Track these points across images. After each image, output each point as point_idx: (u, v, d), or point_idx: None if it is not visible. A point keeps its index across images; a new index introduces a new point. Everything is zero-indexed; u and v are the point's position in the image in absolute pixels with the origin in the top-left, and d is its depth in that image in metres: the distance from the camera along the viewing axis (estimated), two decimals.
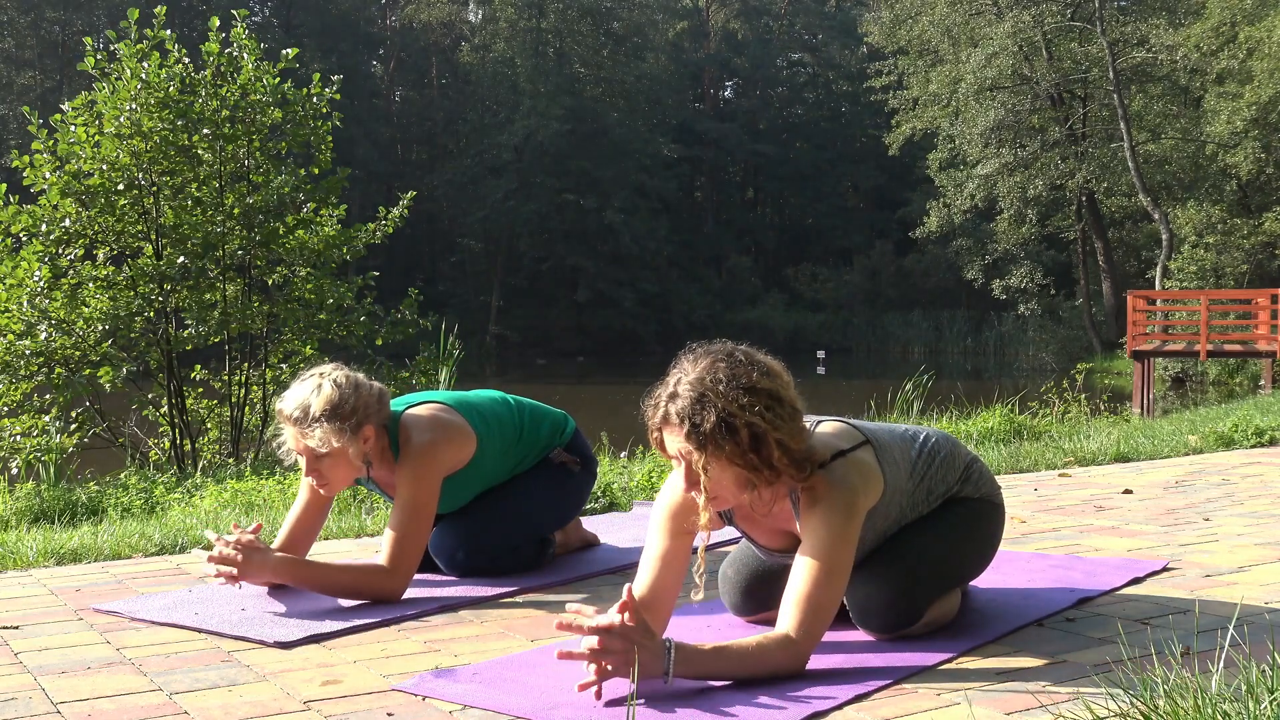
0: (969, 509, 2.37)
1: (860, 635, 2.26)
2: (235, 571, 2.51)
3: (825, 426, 2.17)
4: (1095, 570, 2.81)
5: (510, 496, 2.96)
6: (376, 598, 2.58)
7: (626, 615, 1.87)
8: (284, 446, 2.68)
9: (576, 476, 3.07)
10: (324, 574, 2.57)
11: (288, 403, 2.60)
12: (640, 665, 1.84)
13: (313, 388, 2.60)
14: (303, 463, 2.66)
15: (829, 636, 2.22)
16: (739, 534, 2.34)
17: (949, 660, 2.10)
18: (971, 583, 2.67)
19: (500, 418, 2.91)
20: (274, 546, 2.73)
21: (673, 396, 1.97)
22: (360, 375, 2.69)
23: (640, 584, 2.12)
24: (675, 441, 1.98)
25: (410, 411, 2.76)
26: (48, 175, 7.22)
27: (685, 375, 1.98)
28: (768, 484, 2.00)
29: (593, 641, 1.86)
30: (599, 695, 1.87)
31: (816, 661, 2.04)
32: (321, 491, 2.71)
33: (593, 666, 1.87)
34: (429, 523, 2.67)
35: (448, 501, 2.84)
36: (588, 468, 3.10)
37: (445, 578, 2.88)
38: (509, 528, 2.92)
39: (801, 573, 2.00)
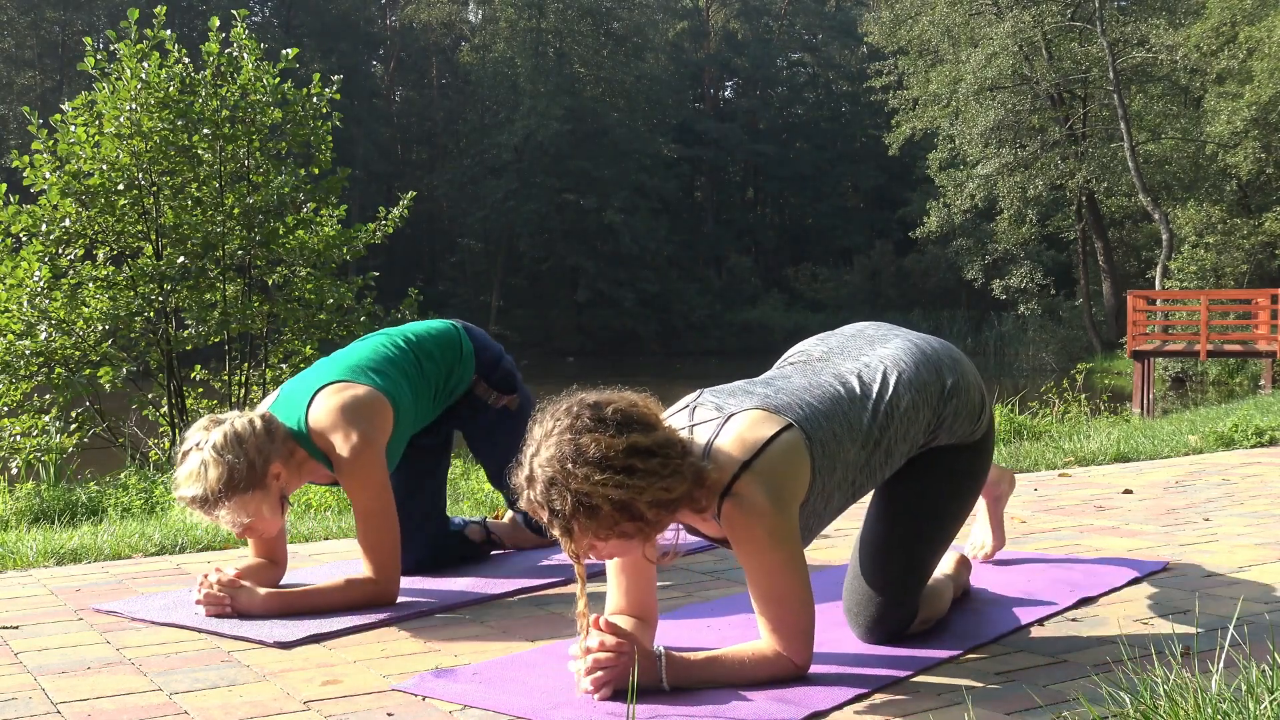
0: (946, 478, 2.21)
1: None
2: (228, 609, 2.46)
3: (735, 424, 1.96)
4: (1095, 570, 2.81)
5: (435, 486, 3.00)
6: (373, 606, 2.56)
7: (609, 637, 1.86)
8: (200, 519, 2.55)
9: (517, 415, 2.97)
10: (315, 599, 2.53)
11: (182, 490, 2.43)
12: (635, 675, 1.84)
13: (197, 470, 2.40)
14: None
15: (829, 638, 2.22)
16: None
17: (949, 660, 2.10)
18: (972, 584, 2.67)
19: (394, 362, 2.76)
20: (254, 554, 2.70)
21: (530, 480, 1.81)
22: (236, 420, 2.47)
23: (615, 595, 2.07)
24: (544, 522, 1.86)
25: (315, 412, 2.59)
26: (48, 175, 7.22)
27: (537, 454, 1.80)
28: (657, 533, 1.87)
29: (586, 661, 1.87)
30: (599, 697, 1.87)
31: (816, 662, 2.03)
32: (265, 538, 2.63)
33: (587, 681, 1.87)
34: (394, 514, 2.60)
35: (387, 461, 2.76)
36: (524, 396, 3.03)
37: (445, 578, 2.88)
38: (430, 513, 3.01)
39: (761, 606, 1.93)
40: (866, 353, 2.22)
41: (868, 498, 2.29)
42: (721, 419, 1.98)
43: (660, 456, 1.81)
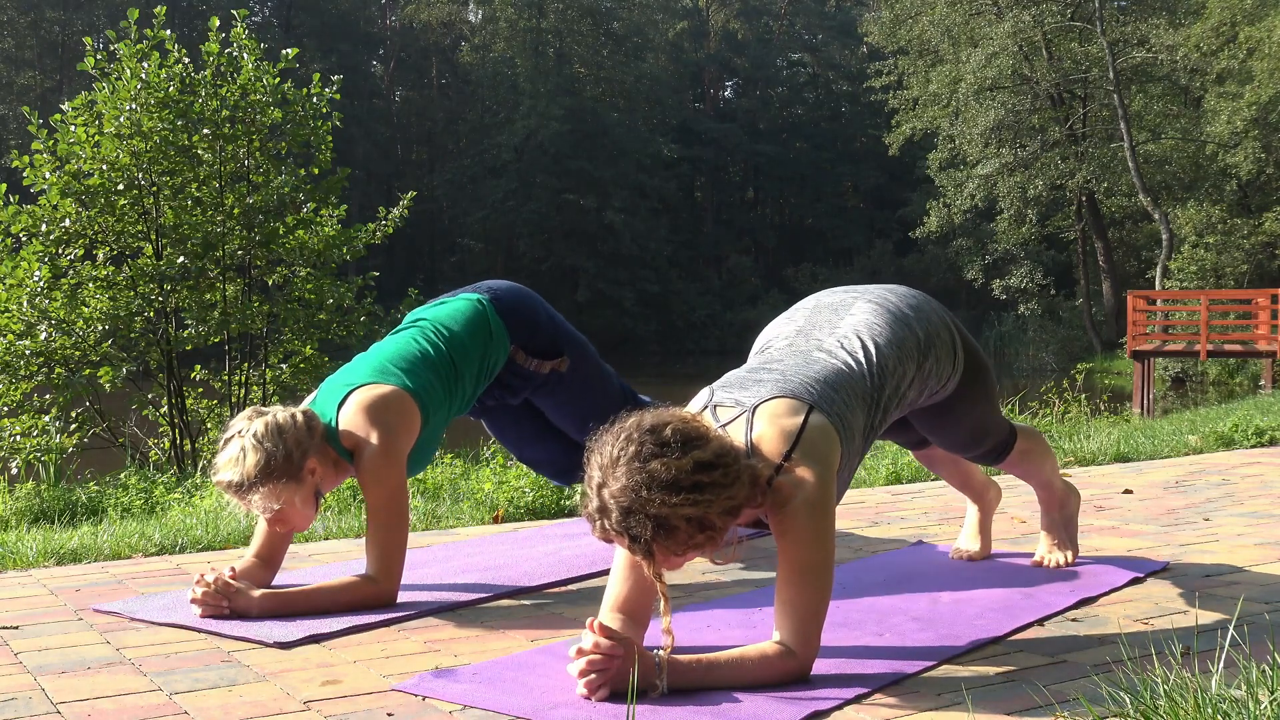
0: (960, 398, 2.49)
1: (860, 638, 2.26)
2: (225, 610, 2.45)
3: (764, 417, 2.02)
4: (1095, 570, 2.81)
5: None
6: (372, 606, 2.56)
7: (603, 640, 1.87)
8: (234, 504, 2.57)
9: (572, 372, 3.02)
10: (314, 599, 2.52)
11: (220, 474, 2.49)
12: (635, 676, 1.85)
13: (236, 455, 2.47)
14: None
15: (830, 638, 2.22)
16: None
17: (949, 660, 2.10)
18: (971, 586, 2.67)
19: (426, 360, 2.75)
20: (250, 553, 2.70)
21: (603, 511, 1.86)
22: (279, 413, 2.53)
23: (614, 592, 2.08)
24: (622, 548, 1.91)
25: (345, 413, 2.63)
26: (48, 175, 7.21)
27: (606, 485, 1.86)
28: (723, 538, 1.93)
29: (581, 663, 1.87)
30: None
31: (817, 662, 2.04)
32: (295, 530, 2.65)
33: (583, 683, 1.88)
34: (405, 518, 2.61)
35: (420, 461, 2.77)
36: (576, 351, 3.04)
37: (444, 578, 2.88)
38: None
39: (786, 579, 1.96)
40: (837, 325, 2.31)
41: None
42: (747, 413, 2.04)
43: (721, 467, 1.87)
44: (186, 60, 7.63)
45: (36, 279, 7.05)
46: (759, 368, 2.21)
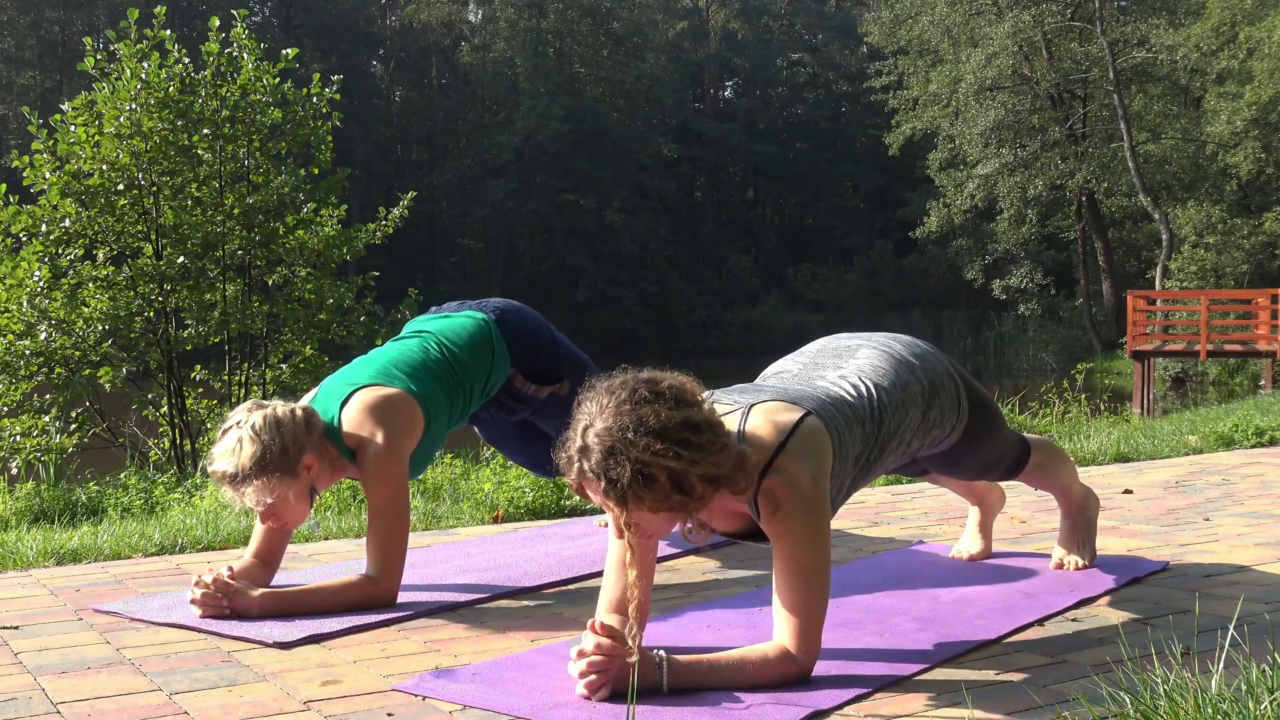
0: (968, 437, 2.45)
1: (860, 638, 2.26)
2: (225, 610, 2.45)
3: (759, 413, 2.03)
4: (1095, 570, 2.81)
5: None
6: (372, 606, 2.56)
7: (604, 640, 1.87)
8: (228, 497, 2.57)
9: (571, 395, 3.05)
10: (313, 599, 2.52)
11: (216, 465, 2.48)
12: (635, 676, 1.85)
13: (233, 446, 2.46)
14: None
15: (830, 638, 2.22)
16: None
17: (950, 660, 2.10)
18: (972, 586, 2.67)
19: (428, 367, 2.77)
20: (249, 554, 2.70)
21: (584, 451, 1.83)
22: (279, 407, 2.52)
23: (609, 594, 2.08)
24: (595, 495, 1.88)
25: (347, 412, 2.63)
26: (48, 175, 7.21)
27: (592, 425, 1.84)
28: (699, 510, 1.91)
29: (581, 664, 1.87)
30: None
31: (817, 663, 2.03)
32: (288, 527, 2.65)
33: (583, 683, 1.87)
34: (406, 518, 2.61)
35: (419, 466, 2.78)
36: (577, 375, 2.99)
37: (444, 578, 2.88)
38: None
39: (783, 582, 1.96)
40: (841, 366, 2.31)
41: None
42: (743, 409, 2.04)
43: (710, 432, 1.86)
44: (186, 60, 7.63)
45: (36, 279, 7.05)
46: (759, 383, 2.26)
